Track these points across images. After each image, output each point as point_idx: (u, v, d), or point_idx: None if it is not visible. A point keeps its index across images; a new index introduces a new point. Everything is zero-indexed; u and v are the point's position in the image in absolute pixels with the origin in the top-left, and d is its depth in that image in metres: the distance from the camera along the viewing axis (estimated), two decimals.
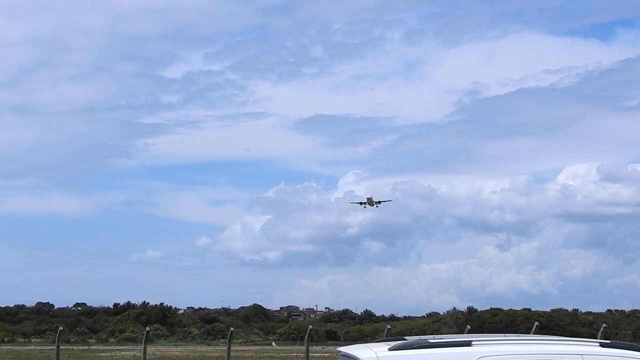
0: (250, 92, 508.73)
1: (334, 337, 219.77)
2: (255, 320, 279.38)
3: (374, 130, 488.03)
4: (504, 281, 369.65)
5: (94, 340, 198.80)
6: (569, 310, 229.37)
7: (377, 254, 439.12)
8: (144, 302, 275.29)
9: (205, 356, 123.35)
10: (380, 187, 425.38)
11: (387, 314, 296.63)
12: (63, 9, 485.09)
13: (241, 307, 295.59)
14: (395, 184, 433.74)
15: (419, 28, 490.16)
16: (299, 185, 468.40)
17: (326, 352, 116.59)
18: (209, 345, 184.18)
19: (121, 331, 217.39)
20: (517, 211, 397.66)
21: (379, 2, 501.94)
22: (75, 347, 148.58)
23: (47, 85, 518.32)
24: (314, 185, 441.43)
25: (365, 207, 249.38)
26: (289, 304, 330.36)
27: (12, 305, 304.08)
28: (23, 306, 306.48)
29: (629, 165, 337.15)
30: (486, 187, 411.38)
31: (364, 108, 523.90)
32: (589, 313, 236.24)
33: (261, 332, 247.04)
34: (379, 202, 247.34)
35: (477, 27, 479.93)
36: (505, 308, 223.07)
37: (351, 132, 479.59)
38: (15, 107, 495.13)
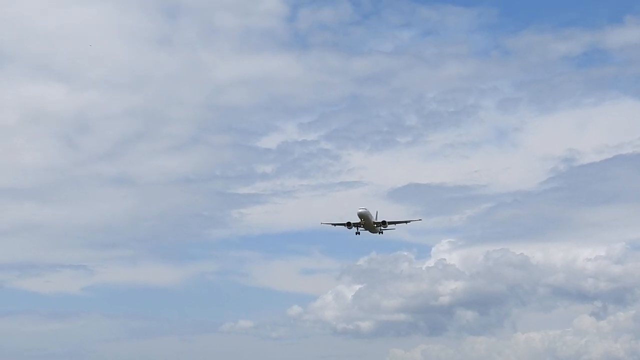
0: (344, 161, 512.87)
1: None
2: None
3: (469, 198, 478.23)
4: (600, 350, 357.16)
5: None
6: None
7: (470, 322, 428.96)
8: None
9: None
10: (474, 256, 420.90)
11: None
12: (160, 81, 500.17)
13: None
14: (488, 253, 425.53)
15: (513, 96, 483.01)
16: (391, 255, 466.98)
17: None
18: None
19: None
20: (613, 279, 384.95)
21: (473, 71, 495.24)
22: None
23: (143, 156, 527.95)
24: (406, 254, 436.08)
25: (358, 232, 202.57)
26: None
27: None
28: None
29: None
30: (581, 255, 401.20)
31: (458, 176, 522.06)
32: None
33: None
34: (384, 222, 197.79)
35: (573, 94, 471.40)
36: None
37: (445, 200, 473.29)
38: (112, 178, 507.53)
